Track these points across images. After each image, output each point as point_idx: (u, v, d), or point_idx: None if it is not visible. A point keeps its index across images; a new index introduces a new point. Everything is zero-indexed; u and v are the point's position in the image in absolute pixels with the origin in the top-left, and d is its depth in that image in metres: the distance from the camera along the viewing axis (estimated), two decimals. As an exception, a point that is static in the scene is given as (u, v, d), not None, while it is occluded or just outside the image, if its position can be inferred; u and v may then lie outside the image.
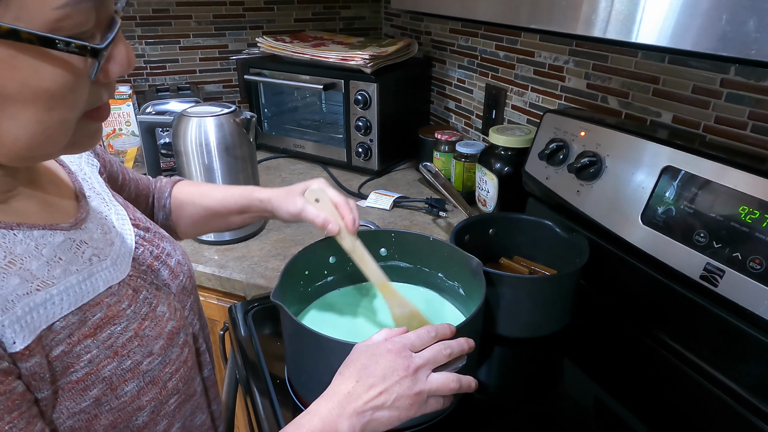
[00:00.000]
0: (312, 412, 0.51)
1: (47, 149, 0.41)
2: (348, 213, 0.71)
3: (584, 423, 0.69)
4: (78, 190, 0.54)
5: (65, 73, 0.37)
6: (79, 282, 0.45)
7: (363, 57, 1.31)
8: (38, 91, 0.36)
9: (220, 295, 1.06)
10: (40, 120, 0.38)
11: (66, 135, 0.41)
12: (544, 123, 0.98)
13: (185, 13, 1.63)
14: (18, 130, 0.38)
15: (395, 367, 0.53)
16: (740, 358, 0.69)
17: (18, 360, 0.39)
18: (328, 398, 0.52)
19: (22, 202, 0.45)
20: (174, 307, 0.55)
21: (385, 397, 0.52)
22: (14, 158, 0.40)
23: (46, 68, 0.36)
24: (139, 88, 1.65)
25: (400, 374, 0.53)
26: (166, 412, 0.52)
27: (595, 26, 0.53)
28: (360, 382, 0.52)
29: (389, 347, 0.55)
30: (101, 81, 0.41)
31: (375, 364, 0.53)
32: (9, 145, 0.38)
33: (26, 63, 0.35)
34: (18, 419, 0.38)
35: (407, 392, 0.53)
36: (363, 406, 0.51)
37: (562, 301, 0.82)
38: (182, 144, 1.02)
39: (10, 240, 0.41)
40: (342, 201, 0.72)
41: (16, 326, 0.38)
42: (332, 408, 0.51)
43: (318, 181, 0.73)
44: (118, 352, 0.46)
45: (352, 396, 0.51)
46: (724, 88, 0.80)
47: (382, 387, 0.52)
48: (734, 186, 0.67)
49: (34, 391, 0.40)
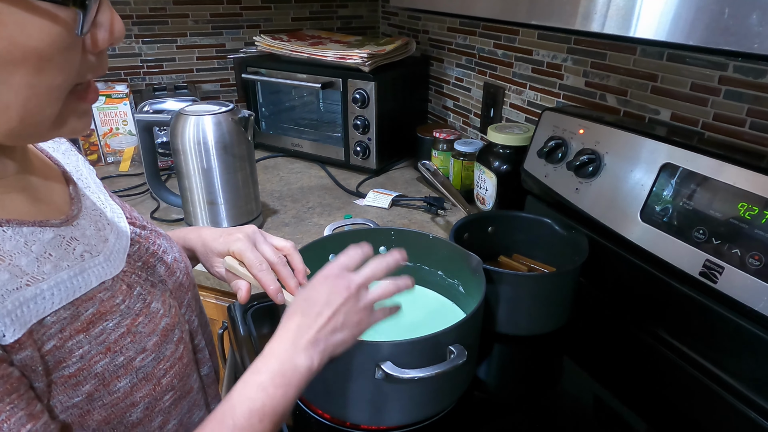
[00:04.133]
0: (266, 354, 0.52)
1: (37, 122, 0.40)
2: (270, 282, 0.61)
3: (583, 420, 0.69)
4: (71, 186, 0.54)
5: (52, 27, 0.36)
6: (70, 277, 0.44)
7: (361, 55, 1.31)
8: (27, 49, 0.36)
9: (219, 294, 1.05)
10: (30, 84, 0.37)
11: (56, 104, 0.40)
12: (543, 121, 0.98)
13: (182, 12, 1.62)
14: (9, 97, 0.37)
15: (336, 289, 0.55)
16: (739, 354, 0.69)
17: (9, 351, 0.39)
18: (279, 338, 0.53)
19: (12, 196, 0.45)
20: (169, 304, 0.55)
21: (335, 320, 0.53)
22: (6, 132, 0.40)
23: (33, 22, 0.36)
24: (136, 87, 1.64)
25: (343, 295, 0.54)
26: (160, 409, 0.51)
27: (594, 21, 0.53)
28: (305, 312, 0.54)
29: (325, 273, 0.56)
30: (90, 50, 0.41)
31: (316, 292, 0.55)
32: (1, 115, 0.38)
33: (12, 18, 0.35)
34: (18, 400, 0.38)
35: (353, 309, 0.55)
36: (315, 335, 0.52)
37: (562, 299, 0.82)
38: (180, 143, 1.01)
39: None
40: (259, 270, 0.61)
41: (6, 320, 0.39)
42: (285, 345, 0.52)
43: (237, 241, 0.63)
44: (110, 348, 0.46)
45: (302, 328, 0.53)
46: (722, 86, 0.80)
47: (328, 312, 0.53)
48: (733, 183, 0.67)
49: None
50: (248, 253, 0.62)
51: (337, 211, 1.23)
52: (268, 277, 0.62)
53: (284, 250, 0.65)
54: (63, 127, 0.43)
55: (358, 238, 0.82)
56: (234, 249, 0.63)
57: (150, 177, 1.13)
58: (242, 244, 0.63)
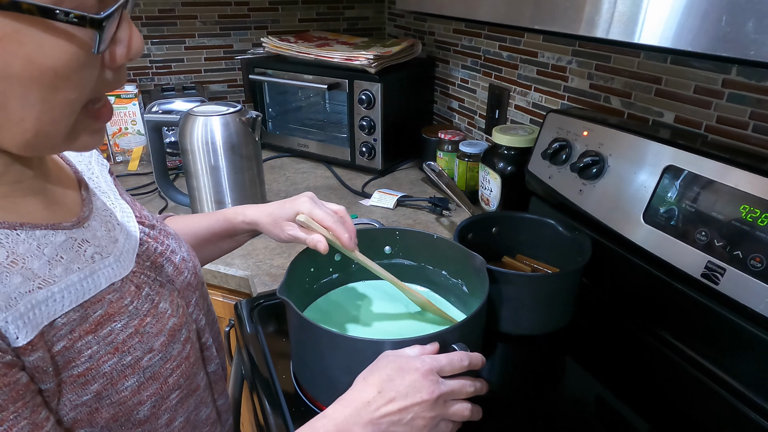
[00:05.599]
0: (328, 416, 0.52)
1: (51, 135, 0.41)
2: (342, 232, 0.67)
3: (585, 420, 0.69)
4: (83, 187, 0.55)
5: (69, 46, 0.37)
6: (80, 280, 0.45)
7: (367, 57, 1.32)
8: (43, 68, 0.37)
9: (225, 292, 1.07)
10: (45, 99, 0.38)
11: (69, 119, 0.41)
12: (548, 123, 0.98)
13: (190, 13, 1.64)
14: (24, 111, 0.38)
15: (420, 387, 0.54)
16: (741, 356, 0.70)
17: (21, 354, 0.40)
18: (346, 404, 0.53)
19: (27, 200, 0.46)
20: (177, 304, 0.56)
21: (403, 414, 0.53)
22: (21, 144, 0.40)
23: (50, 42, 0.36)
24: (144, 87, 1.66)
25: (423, 396, 0.53)
26: (167, 407, 0.52)
27: (598, 27, 0.53)
28: (382, 393, 0.53)
29: (418, 366, 0.55)
30: (108, 65, 0.41)
31: (401, 379, 0.54)
32: (16, 128, 0.39)
33: (30, 38, 0.35)
34: (22, 408, 0.39)
35: (424, 414, 0.54)
36: (379, 419, 0.52)
37: (565, 299, 0.82)
38: (189, 142, 1.03)
39: (13, 240, 0.42)
40: (332, 222, 0.68)
41: (19, 322, 0.39)
42: (349, 415, 0.52)
43: (303, 203, 0.69)
44: (118, 348, 0.47)
45: (371, 406, 0.52)
46: (725, 89, 0.81)
47: (402, 404, 0.53)
48: (735, 185, 0.68)
49: (38, 383, 0.41)
50: (317, 211, 0.68)
51: (342, 211, 1.24)
52: (340, 227, 0.68)
53: (339, 213, 0.71)
54: (75, 141, 0.44)
55: (365, 237, 0.83)
56: (303, 209, 0.69)
57: (159, 176, 1.15)
58: (310, 205, 0.69)
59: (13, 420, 0.38)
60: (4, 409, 0.38)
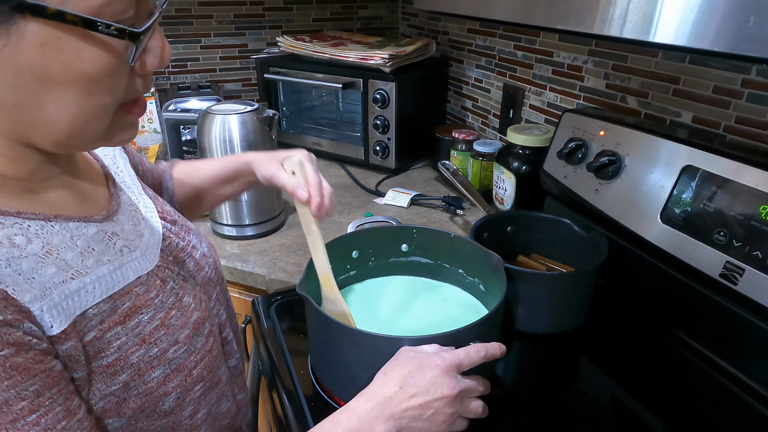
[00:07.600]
0: (350, 410, 0.53)
1: (85, 135, 0.43)
2: (316, 195, 0.64)
3: (600, 420, 0.69)
4: (110, 182, 0.56)
5: (105, 55, 0.39)
6: (110, 272, 0.47)
7: (382, 56, 1.32)
8: (80, 73, 0.38)
9: (242, 289, 1.08)
10: (80, 104, 0.40)
11: (103, 122, 0.43)
12: (563, 122, 0.99)
13: (206, 13, 1.66)
14: (59, 114, 0.40)
15: (441, 384, 0.55)
16: (759, 356, 0.69)
17: (55, 342, 0.41)
18: (368, 398, 0.54)
19: (59, 193, 0.48)
20: (199, 298, 0.57)
21: (424, 409, 0.54)
22: (55, 143, 0.42)
23: (88, 50, 0.38)
24: (160, 86, 1.68)
25: (443, 392, 0.55)
26: (191, 399, 0.53)
27: (613, 25, 0.53)
28: (404, 388, 0.54)
29: (438, 362, 0.56)
30: (138, 72, 0.43)
31: (422, 375, 0.55)
32: (50, 128, 0.41)
33: (70, 45, 0.37)
34: (57, 395, 0.40)
35: (445, 410, 0.55)
36: (401, 413, 0.53)
37: (581, 299, 0.82)
38: (206, 140, 1.04)
39: (48, 231, 0.44)
40: (315, 182, 0.66)
41: (54, 311, 0.41)
42: (371, 408, 0.53)
43: (300, 153, 0.69)
44: (145, 340, 0.48)
45: (393, 400, 0.53)
46: (745, 89, 0.80)
47: (423, 399, 0.54)
48: (754, 185, 0.67)
49: (70, 372, 0.43)
50: (308, 164, 0.68)
51: (356, 210, 1.25)
52: (317, 190, 0.65)
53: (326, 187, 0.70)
54: (111, 139, 0.45)
55: (382, 235, 0.84)
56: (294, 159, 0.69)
57: (176, 174, 1.16)
58: (305, 158, 0.69)
59: (49, 405, 0.40)
60: (40, 394, 0.39)
